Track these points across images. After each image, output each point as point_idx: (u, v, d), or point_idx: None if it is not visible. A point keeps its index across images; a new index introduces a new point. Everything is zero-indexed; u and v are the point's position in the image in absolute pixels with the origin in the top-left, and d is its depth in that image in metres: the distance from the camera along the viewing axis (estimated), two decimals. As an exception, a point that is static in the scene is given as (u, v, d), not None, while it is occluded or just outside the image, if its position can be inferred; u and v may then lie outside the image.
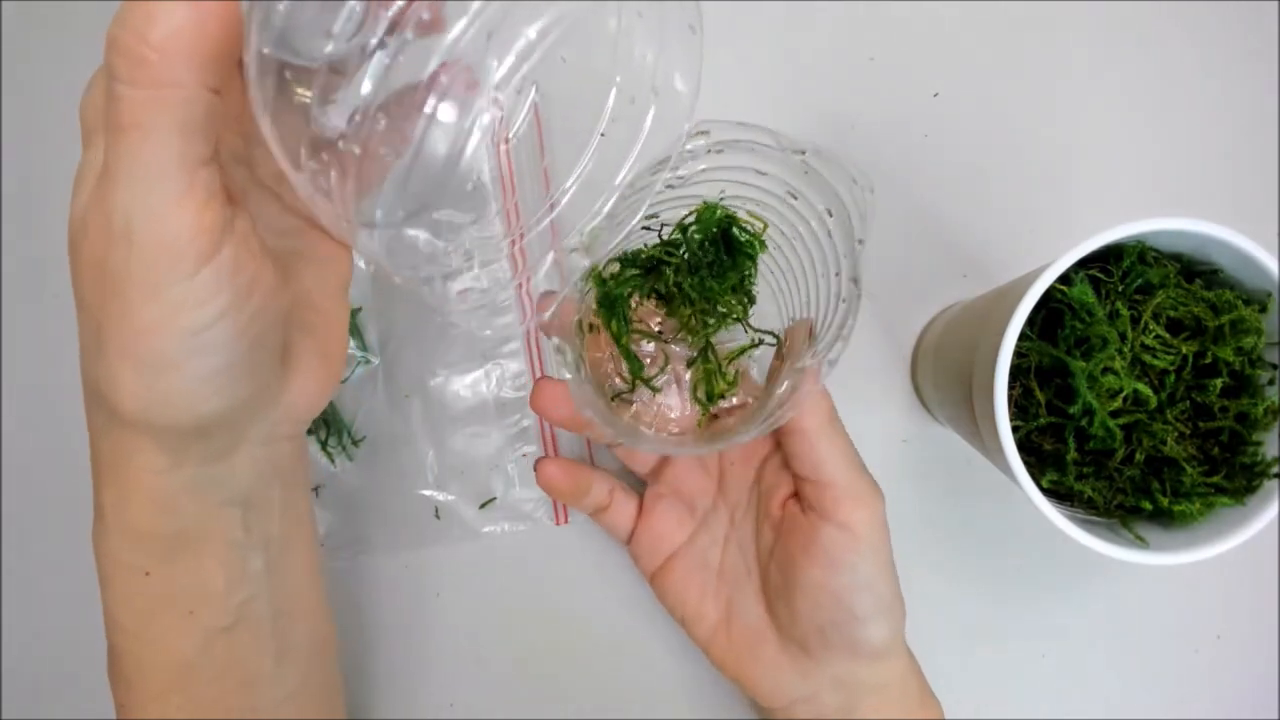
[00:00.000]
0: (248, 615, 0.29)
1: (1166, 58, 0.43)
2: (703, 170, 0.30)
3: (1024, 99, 0.43)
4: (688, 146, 0.29)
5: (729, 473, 0.37)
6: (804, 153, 0.29)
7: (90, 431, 0.27)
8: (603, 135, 0.30)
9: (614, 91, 0.30)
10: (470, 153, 0.35)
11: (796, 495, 0.34)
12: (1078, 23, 0.43)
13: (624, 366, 0.34)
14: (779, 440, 0.34)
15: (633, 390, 0.34)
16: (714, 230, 0.32)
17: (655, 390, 0.35)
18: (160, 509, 0.26)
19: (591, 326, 0.33)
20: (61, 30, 0.45)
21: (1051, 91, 0.43)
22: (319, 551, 0.33)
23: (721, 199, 0.32)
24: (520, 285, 0.42)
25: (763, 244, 0.33)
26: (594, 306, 0.33)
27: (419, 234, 0.31)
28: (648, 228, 0.33)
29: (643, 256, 0.34)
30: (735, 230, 0.32)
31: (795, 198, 0.31)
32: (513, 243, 0.42)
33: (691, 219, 0.32)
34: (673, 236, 0.33)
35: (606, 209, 0.30)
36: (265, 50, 0.21)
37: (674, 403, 0.35)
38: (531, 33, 0.26)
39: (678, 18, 0.27)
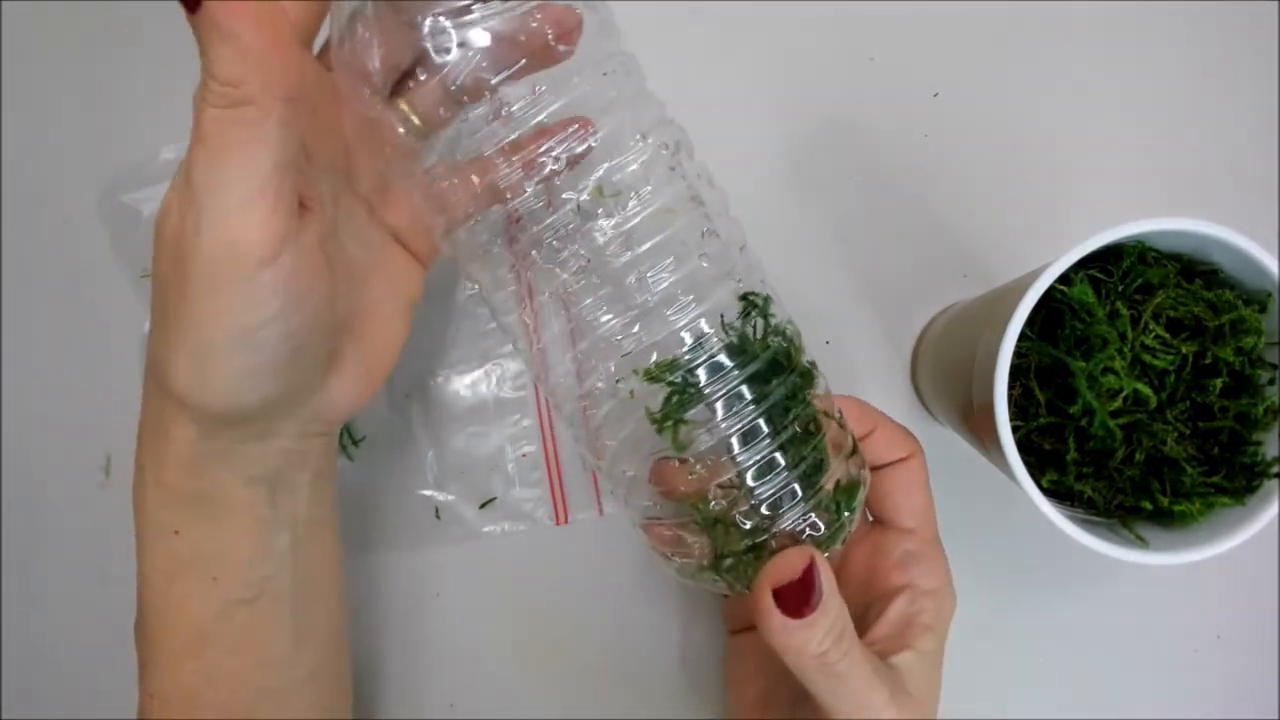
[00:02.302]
0: (269, 592, 0.30)
1: (1166, 58, 0.43)
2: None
3: (1024, 99, 0.43)
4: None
5: None
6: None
7: (143, 393, 0.28)
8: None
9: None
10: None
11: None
12: (1078, 23, 0.43)
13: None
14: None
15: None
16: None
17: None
18: (190, 473, 0.28)
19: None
20: (61, 32, 0.45)
21: (1051, 92, 0.43)
22: (340, 548, 0.33)
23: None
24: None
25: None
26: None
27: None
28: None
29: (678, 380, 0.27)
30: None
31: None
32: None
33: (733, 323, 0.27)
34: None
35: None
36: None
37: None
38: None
39: None
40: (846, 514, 0.28)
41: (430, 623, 0.42)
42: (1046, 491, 0.31)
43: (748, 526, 0.27)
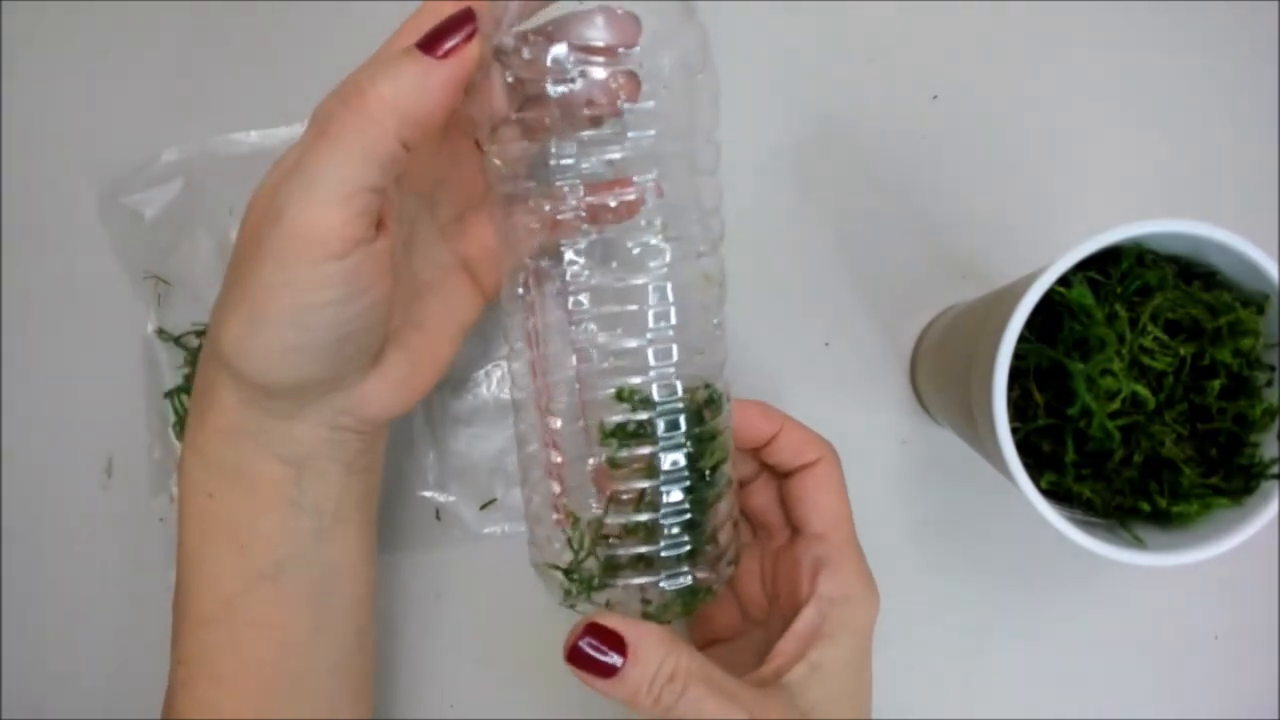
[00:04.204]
0: (290, 572, 0.31)
1: (1166, 59, 0.43)
2: None
3: (1023, 101, 0.43)
4: None
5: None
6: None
7: (199, 358, 0.31)
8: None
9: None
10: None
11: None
12: (1077, 24, 0.43)
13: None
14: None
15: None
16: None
17: None
18: (225, 439, 0.30)
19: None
20: (61, 32, 0.45)
21: (1051, 93, 0.43)
22: (372, 553, 0.34)
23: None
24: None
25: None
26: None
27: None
28: None
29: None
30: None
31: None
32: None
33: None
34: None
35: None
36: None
37: None
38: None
39: None
40: (680, 610, 0.30)
41: (431, 624, 0.42)
42: (1045, 493, 0.31)
43: (604, 557, 0.29)
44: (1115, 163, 0.43)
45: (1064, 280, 0.31)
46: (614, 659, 0.27)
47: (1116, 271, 0.32)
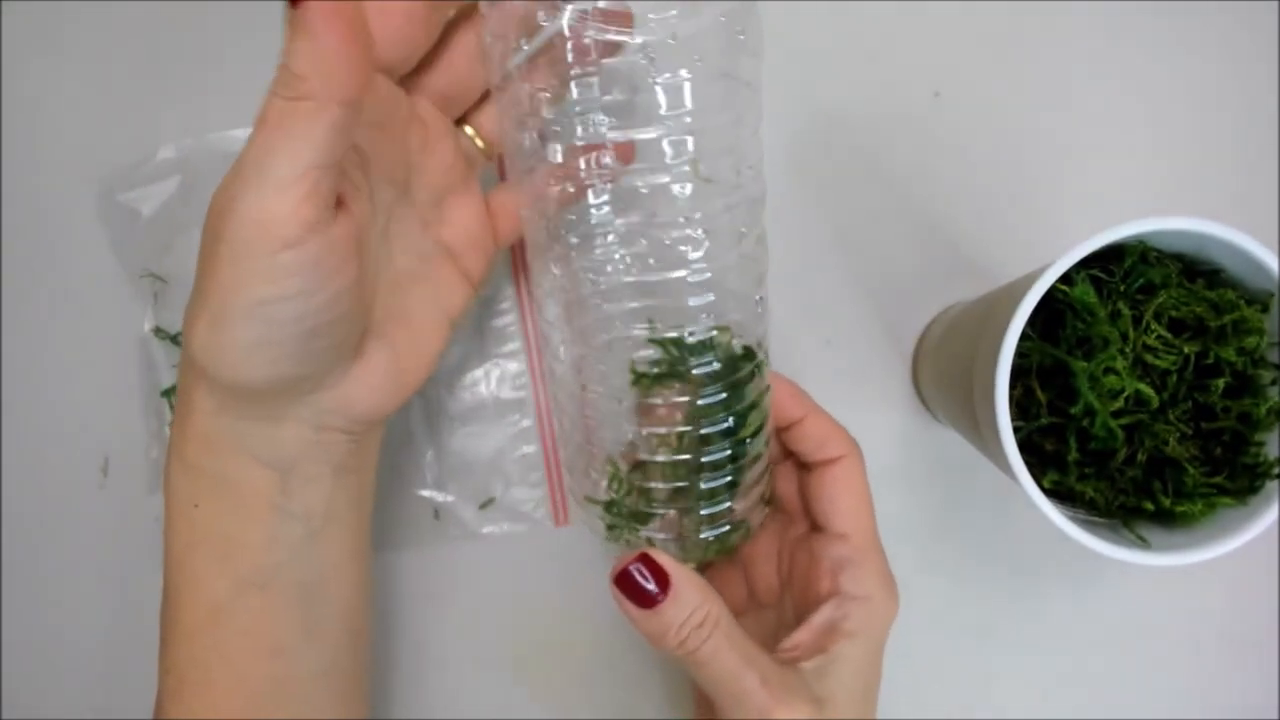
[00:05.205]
0: (280, 580, 0.30)
1: (1167, 57, 0.43)
2: None
3: (1025, 99, 0.43)
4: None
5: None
6: None
7: (179, 363, 0.30)
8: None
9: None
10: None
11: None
12: (1079, 22, 0.43)
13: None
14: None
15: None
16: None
17: None
18: (205, 446, 0.29)
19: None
20: (61, 32, 0.44)
21: (1052, 91, 0.43)
22: (367, 552, 0.33)
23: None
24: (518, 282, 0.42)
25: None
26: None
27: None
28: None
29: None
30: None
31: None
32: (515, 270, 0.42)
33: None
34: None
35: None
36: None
37: None
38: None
39: None
40: (718, 548, 0.31)
41: (429, 623, 0.42)
42: (1048, 492, 0.31)
43: (650, 487, 0.30)
44: (1118, 160, 0.43)
45: (1066, 278, 0.31)
46: (655, 592, 0.28)
47: (1120, 269, 0.32)
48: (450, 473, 0.42)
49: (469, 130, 0.34)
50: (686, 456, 0.30)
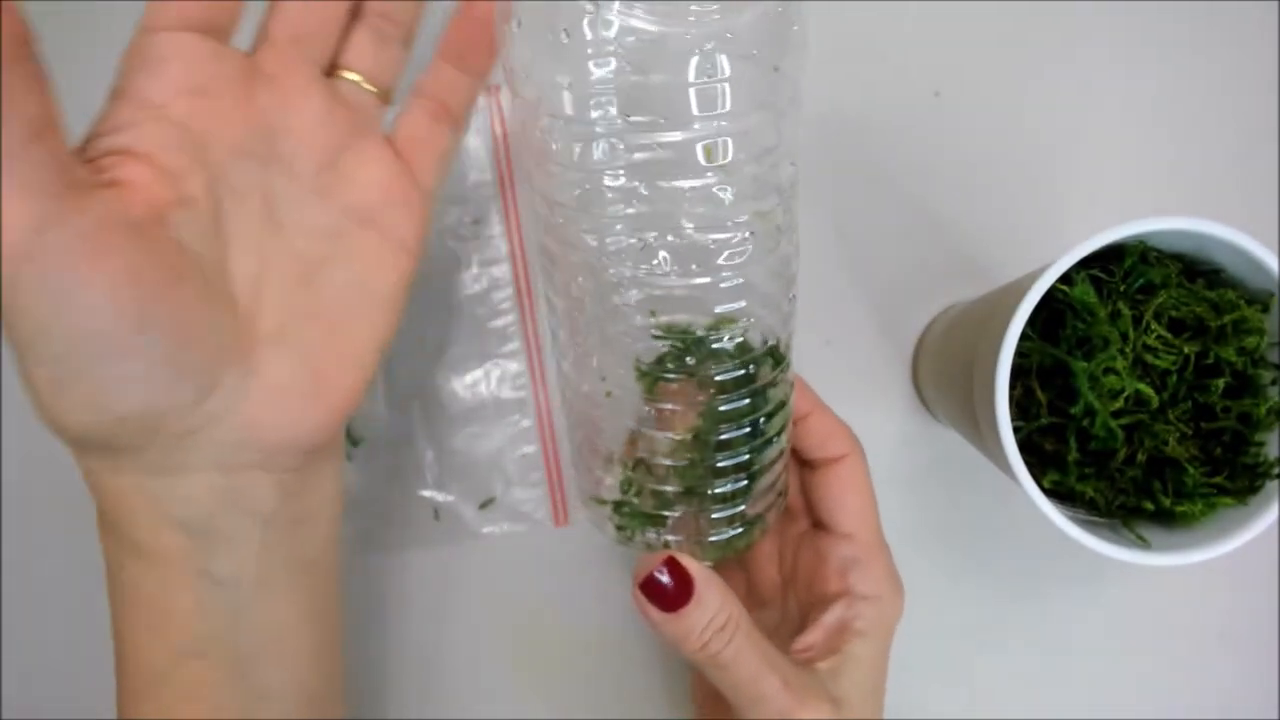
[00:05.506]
0: (218, 649, 0.27)
1: (1168, 57, 0.43)
2: None
3: (1025, 99, 0.43)
4: None
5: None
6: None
7: None
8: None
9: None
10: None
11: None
12: (1079, 23, 0.43)
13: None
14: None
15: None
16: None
17: None
18: (118, 506, 0.26)
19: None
20: (60, 31, 0.44)
21: (1053, 91, 0.43)
22: (332, 600, 0.30)
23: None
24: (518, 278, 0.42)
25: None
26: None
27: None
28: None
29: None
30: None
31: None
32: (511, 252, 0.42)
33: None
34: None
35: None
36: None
37: None
38: None
39: None
40: (733, 546, 0.31)
41: (429, 623, 0.42)
42: (1048, 492, 0.31)
43: (664, 490, 0.29)
44: (1118, 160, 0.43)
45: (1066, 278, 0.31)
46: (680, 596, 0.27)
47: (1120, 269, 0.32)
48: (451, 473, 0.42)
49: (352, 76, 0.29)
50: (704, 459, 0.29)
